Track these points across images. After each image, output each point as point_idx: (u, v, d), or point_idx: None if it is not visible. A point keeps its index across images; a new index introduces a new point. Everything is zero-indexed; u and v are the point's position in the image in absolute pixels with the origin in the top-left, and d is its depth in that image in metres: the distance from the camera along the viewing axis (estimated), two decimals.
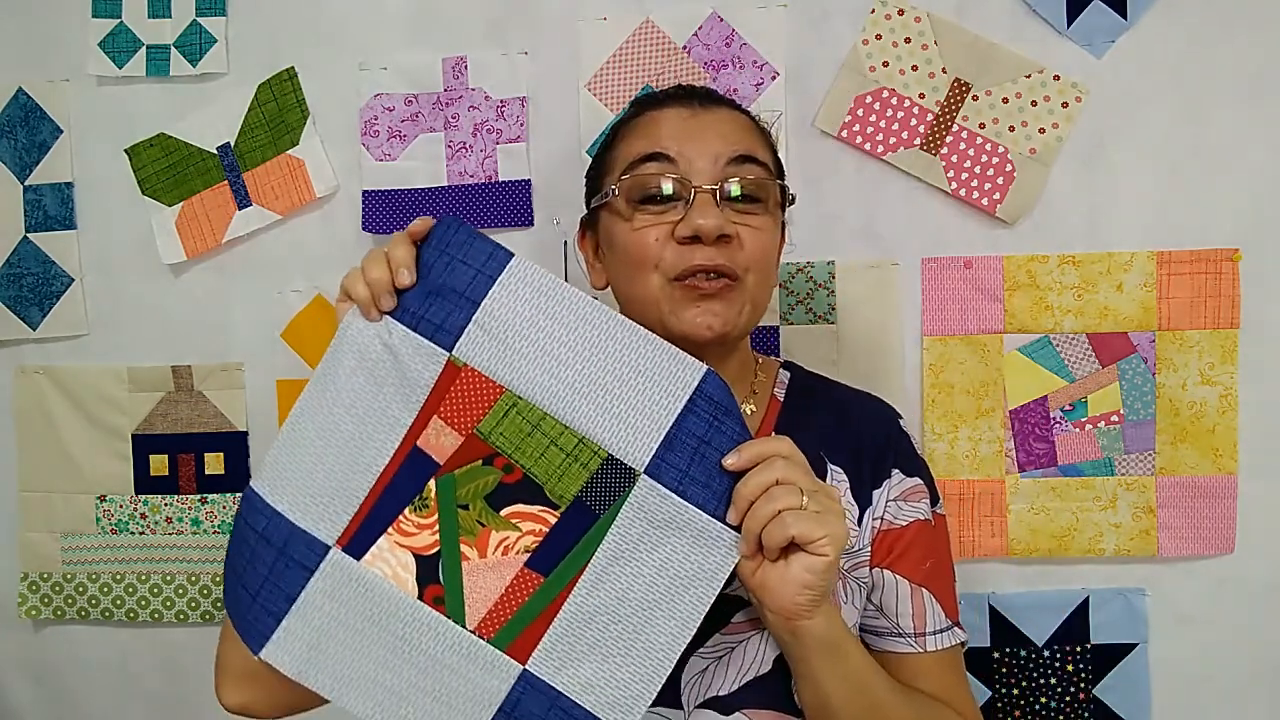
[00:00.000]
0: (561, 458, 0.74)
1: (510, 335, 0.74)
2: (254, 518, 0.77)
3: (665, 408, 0.73)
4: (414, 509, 0.75)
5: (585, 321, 0.74)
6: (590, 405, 0.74)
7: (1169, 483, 1.20)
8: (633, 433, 0.73)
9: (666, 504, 0.73)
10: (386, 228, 1.28)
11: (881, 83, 1.21)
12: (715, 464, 0.73)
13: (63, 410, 1.36)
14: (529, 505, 0.74)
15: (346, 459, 0.76)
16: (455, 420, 0.75)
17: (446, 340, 0.74)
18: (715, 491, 0.73)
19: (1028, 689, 1.23)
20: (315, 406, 0.77)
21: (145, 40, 1.31)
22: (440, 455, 0.75)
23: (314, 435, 0.76)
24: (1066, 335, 1.21)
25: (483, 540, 0.75)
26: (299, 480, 0.76)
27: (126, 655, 1.39)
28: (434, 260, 0.75)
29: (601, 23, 1.24)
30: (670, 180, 0.83)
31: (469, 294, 0.74)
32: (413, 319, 0.75)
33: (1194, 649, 1.22)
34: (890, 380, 1.23)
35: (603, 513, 0.74)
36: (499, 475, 0.75)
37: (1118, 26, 1.17)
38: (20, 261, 1.36)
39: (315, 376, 0.77)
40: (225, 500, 1.34)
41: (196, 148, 1.31)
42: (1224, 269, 1.18)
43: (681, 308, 0.83)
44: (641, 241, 0.84)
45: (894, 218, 1.22)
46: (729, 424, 0.73)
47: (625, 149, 0.88)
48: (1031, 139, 1.19)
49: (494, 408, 0.74)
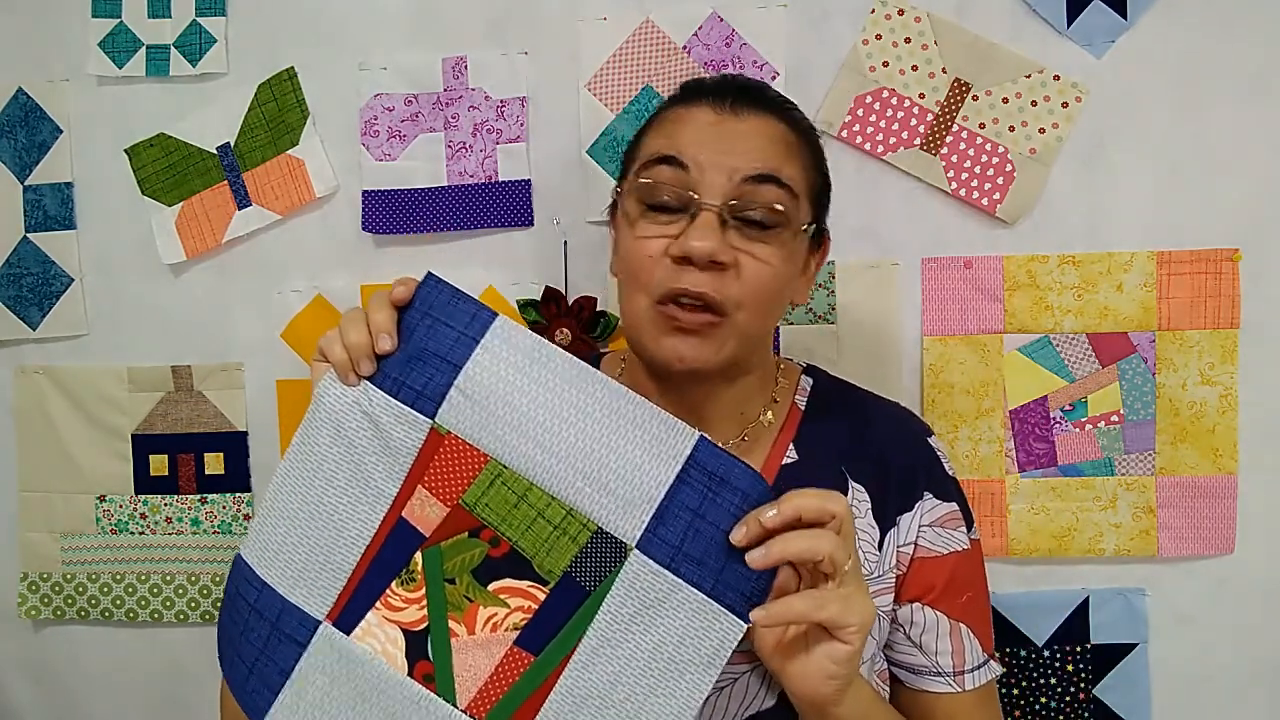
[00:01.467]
0: (549, 530, 0.70)
1: (493, 401, 0.71)
2: (245, 589, 0.76)
3: (656, 478, 0.69)
4: (401, 582, 0.73)
5: (571, 385, 0.70)
6: (578, 475, 0.70)
7: (1169, 483, 1.20)
8: (623, 505, 0.69)
9: (660, 581, 0.69)
10: (386, 228, 1.28)
11: (881, 83, 1.21)
12: (711, 539, 0.68)
13: (63, 410, 1.36)
14: (517, 580, 0.71)
15: (331, 532, 0.74)
16: (440, 490, 0.72)
17: (428, 407, 0.72)
18: (711, 569, 0.68)
19: (1028, 689, 1.23)
20: (296, 477, 0.75)
21: (145, 40, 1.31)
22: (426, 527, 0.72)
23: (297, 507, 0.74)
24: (1066, 335, 1.21)
25: (470, 616, 0.72)
26: (286, 553, 0.74)
27: (126, 655, 1.39)
28: (416, 323, 0.72)
29: (601, 23, 1.24)
30: (675, 191, 0.78)
31: (450, 357, 0.71)
32: (394, 385, 0.72)
33: (1194, 649, 1.22)
34: (890, 380, 1.23)
35: (593, 589, 0.70)
36: (486, 548, 0.72)
37: (1118, 26, 1.17)
38: (20, 261, 1.36)
39: (294, 445, 0.75)
40: (225, 500, 1.34)
41: (196, 148, 1.31)
42: (1224, 269, 1.18)
43: (659, 333, 0.78)
44: (639, 253, 0.79)
45: (894, 218, 1.22)
46: (725, 496, 0.68)
47: (649, 143, 0.83)
48: (1031, 139, 1.19)
49: (479, 477, 0.71)
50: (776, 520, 0.64)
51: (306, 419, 0.74)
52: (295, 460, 0.75)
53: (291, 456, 0.75)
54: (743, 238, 0.78)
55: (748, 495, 0.68)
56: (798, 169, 0.81)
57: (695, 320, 0.77)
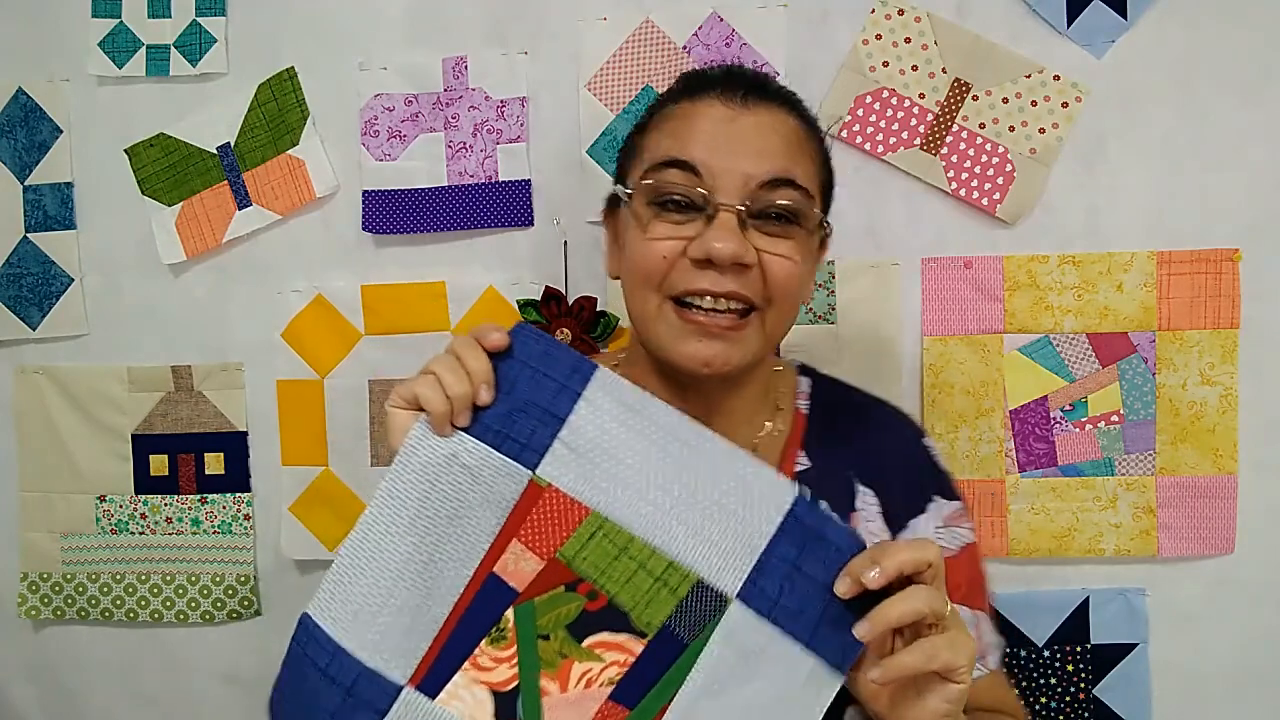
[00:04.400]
0: (650, 583, 0.69)
1: (596, 453, 0.70)
2: (316, 652, 0.71)
3: (758, 530, 0.68)
4: (491, 641, 0.70)
5: (673, 438, 0.70)
6: (681, 527, 0.69)
7: (1169, 483, 1.20)
8: (724, 556, 0.69)
9: (759, 633, 0.68)
10: (387, 228, 1.28)
11: (881, 83, 1.21)
12: (807, 592, 0.67)
13: (63, 410, 1.36)
14: (614, 634, 0.70)
15: (420, 591, 0.70)
16: (536, 544, 0.70)
17: (531, 459, 0.70)
18: (809, 621, 0.67)
19: (1028, 689, 1.23)
20: (382, 533, 0.70)
21: (145, 40, 1.31)
22: (519, 582, 0.70)
23: (381, 565, 0.70)
24: (1066, 335, 1.21)
25: (564, 673, 0.70)
26: (367, 614, 0.70)
27: (126, 655, 1.39)
28: (516, 373, 0.70)
29: (601, 23, 1.24)
30: (692, 192, 0.76)
31: (553, 409, 0.70)
32: (496, 437, 0.70)
33: (1194, 649, 1.22)
34: (890, 380, 1.23)
35: (690, 641, 0.69)
36: (582, 602, 0.70)
37: (1118, 26, 1.17)
38: (20, 261, 1.36)
39: (379, 499, 0.70)
40: (225, 500, 1.34)
41: (196, 148, 1.31)
42: (1224, 269, 1.18)
43: (679, 336, 0.77)
44: (653, 254, 0.77)
45: (894, 218, 1.22)
46: (821, 550, 0.68)
47: (654, 143, 0.80)
48: (1031, 139, 1.19)
49: (578, 530, 0.70)
50: (879, 581, 0.63)
51: (395, 472, 0.70)
52: (381, 515, 0.70)
53: (377, 511, 0.70)
54: (763, 236, 0.77)
55: (842, 550, 0.68)
56: (810, 167, 0.81)
57: (721, 323, 0.76)
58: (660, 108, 0.83)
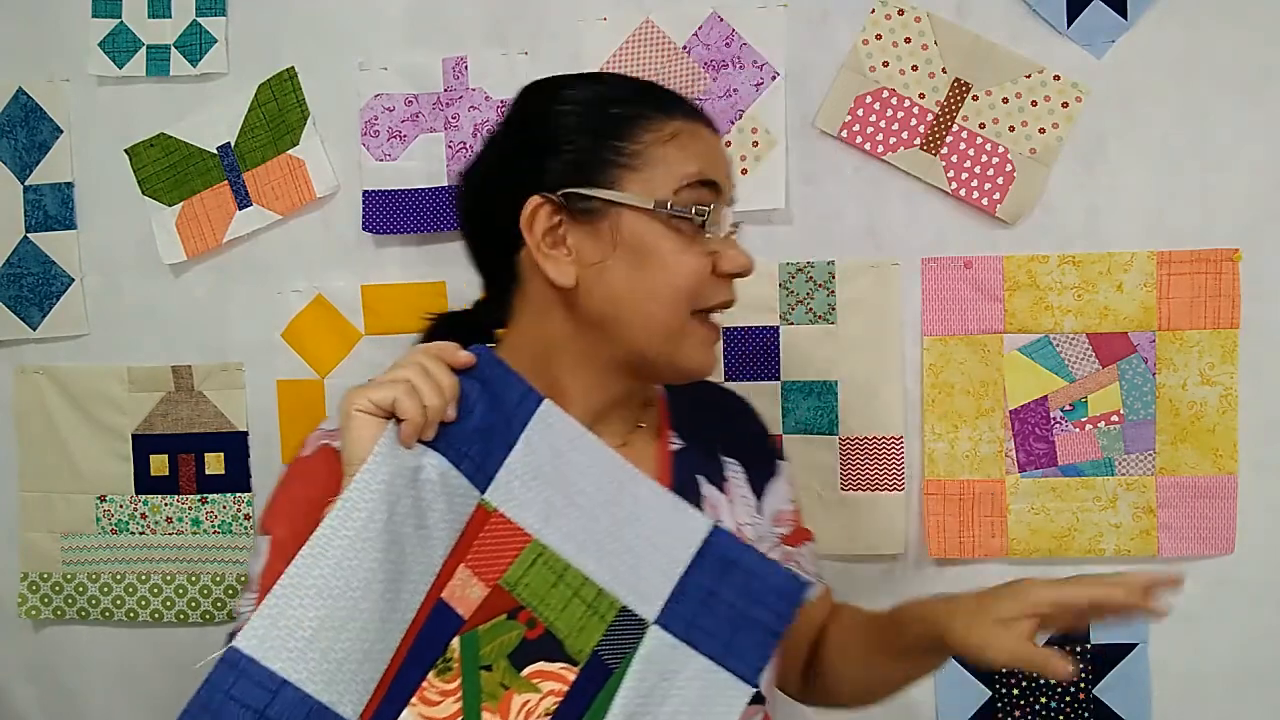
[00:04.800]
0: (583, 610, 0.71)
1: (537, 482, 0.71)
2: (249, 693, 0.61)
3: (677, 559, 0.73)
4: (438, 673, 0.67)
5: (605, 473, 0.73)
6: (610, 557, 0.72)
7: (1169, 483, 1.20)
8: (647, 584, 0.72)
9: (676, 653, 0.71)
10: (386, 228, 1.28)
11: (881, 83, 1.21)
12: (720, 614, 0.72)
13: (63, 410, 1.36)
14: (550, 663, 0.70)
15: (379, 615, 0.65)
16: (482, 570, 0.69)
17: (483, 482, 0.70)
18: (722, 640, 0.72)
19: (1028, 689, 1.23)
20: (345, 546, 0.64)
21: (145, 40, 1.31)
22: (465, 609, 0.69)
23: (345, 582, 0.64)
24: (1066, 335, 1.21)
25: (505, 705, 0.68)
26: (324, 639, 0.63)
27: (126, 655, 1.39)
28: (475, 395, 0.70)
29: (601, 23, 1.24)
30: (719, 212, 0.80)
31: (505, 435, 0.70)
32: (457, 455, 0.69)
33: (1194, 649, 1.22)
34: (890, 380, 1.23)
35: (615, 668, 0.71)
36: (523, 631, 0.70)
37: (1118, 26, 1.17)
38: (20, 261, 1.36)
39: (343, 509, 0.65)
40: (225, 500, 1.34)
41: (196, 148, 1.31)
42: (1224, 269, 1.18)
43: (699, 345, 0.81)
44: (695, 269, 0.79)
45: (894, 218, 1.22)
46: (735, 576, 0.73)
47: (672, 157, 0.80)
48: (1031, 139, 1.19)
49: (520, 556, 0.70)
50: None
51: (363, 482, 0.65)
52: (344, 527, 0.64)
53: (337, 524, 0.64)
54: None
55: (752, 573, 0.74)
56: None
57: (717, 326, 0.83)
58: (644, 119, 0.81)
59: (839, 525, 1.24)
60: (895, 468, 1.23)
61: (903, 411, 1.23)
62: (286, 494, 0.79)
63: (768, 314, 1.24)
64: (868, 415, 1.23)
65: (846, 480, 1.24)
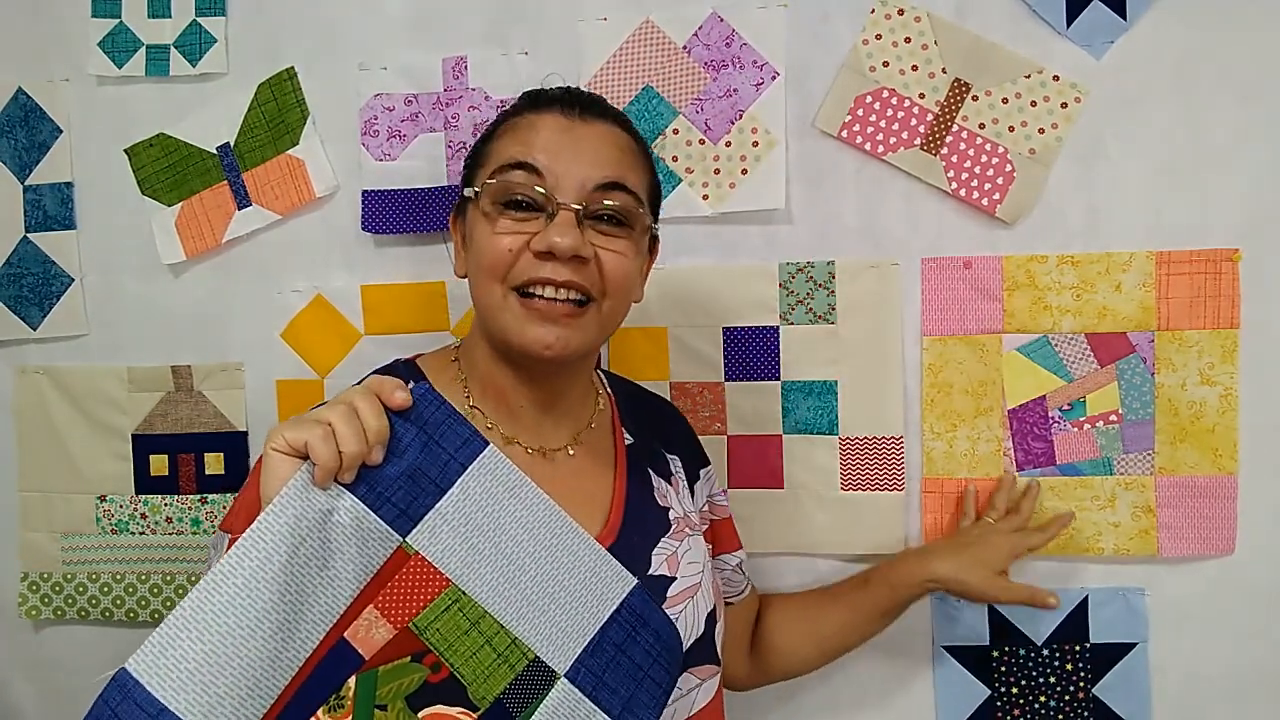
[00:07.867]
0: (493, 658, 0.72)
1: (468, 528, 0.72)
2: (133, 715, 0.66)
3: (595, 615, 0.75)
4: (328, 709, 0.68)
5: (542, 524, 0.74)
6: (531, 608, 0.73)
7: (1168, 483, 1.20)
8: (563, 637, 0.74)
9: (579, 708, 0.74)
10: (386, 228, 1.28)
11: (881, 83, 1.21)
12: (626, 671, 0.76)
13: (63, 410, 1.36)
14: (449, 706, 0.70)
15: (269, 652, 0.65)
16: (391, 612, 0.70)
17: (405, 527, 0.70)
18: (622, 698, 0.75)
19: (1027, 688, 1.23)
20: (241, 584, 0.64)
21: (145, 40, 1.31)
22: (368, 650, 0.69)
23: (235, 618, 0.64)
24: (1065, 335, 1.21)
25: None
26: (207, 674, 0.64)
27: (127, 655, 1.38)
28: (410, 438, 0.70)
29: (601, 23, 1.24)
30: (534, 193, 0.83)
31: (439, 480, 0.71)
32: (376, 499, 0.69)
33: (1194, 649, 1.22)
34: (890, 380, 1.23)
35: (517, 716, 0.72)
36: (425, 674, 0.70)
37: (1118, 26, 1.17)
38: (20, 261, 1.36)
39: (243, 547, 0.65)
40: (225, 500, 1.34)
41: (196, 148, 1.31)
42: (1224, 269, 1.18)
43: (523, 322, 0.83)
44: (499, 248, 0.83)
45: (894, 218, 1.22)
46: (644, 636, 0.77)
47: (500, 149, 0.87)
48: (1031, 139, 1.19)
49: (435, 601, 0.71)
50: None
51: (266, 521, 0.65)
52: (242, 565, 0.65)
53: (236, 561, 0.64)
54: (598, 234, 0.85)
55: (660, 635, 0.79)
56: (639, 175, 0.89)
57: (559, 309, 0.83)
58: (504, 120, 0.91)
59: (839, 525, 1.24)
60: (895, 467, 1.23)
61: (902, 411, 1.23)
62: (249, 494, 0.80)
63: (768, 314, 1.24)
64: (867, 415, 1.23)
65: (846, 480, 1.24)
